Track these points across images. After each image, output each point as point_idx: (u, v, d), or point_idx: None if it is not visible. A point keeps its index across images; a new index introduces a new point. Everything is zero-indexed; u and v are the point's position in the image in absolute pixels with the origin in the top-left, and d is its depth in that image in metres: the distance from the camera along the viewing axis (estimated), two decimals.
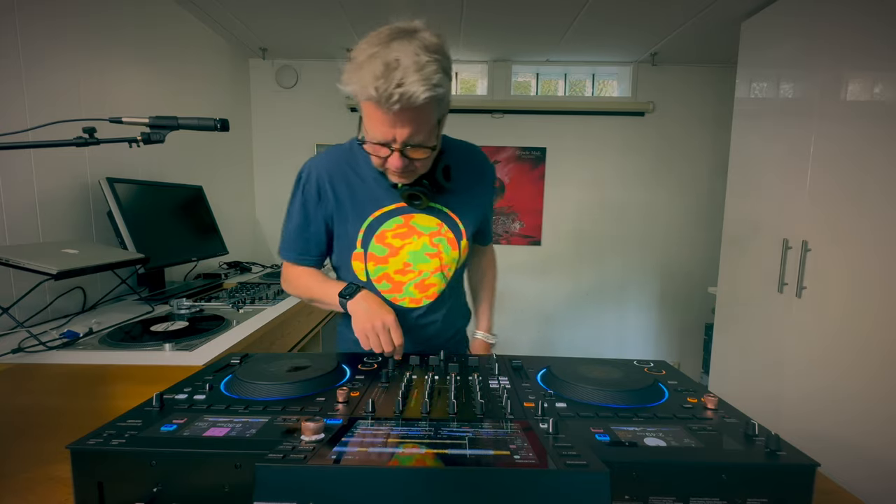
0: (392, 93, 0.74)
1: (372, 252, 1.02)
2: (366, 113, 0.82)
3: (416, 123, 0.81)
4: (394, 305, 1.02)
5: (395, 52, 0.75)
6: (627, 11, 2.28)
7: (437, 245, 1.03)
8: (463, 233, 1.06)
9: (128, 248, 1.58)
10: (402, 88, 0.74)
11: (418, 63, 0.75)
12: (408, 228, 1.02)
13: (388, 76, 0.74)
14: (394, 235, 1.01)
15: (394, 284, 1.04)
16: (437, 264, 1.04)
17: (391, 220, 1.01)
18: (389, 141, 0.83)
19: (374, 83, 0.74)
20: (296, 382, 0.73)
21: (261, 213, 3.16)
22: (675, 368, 0.88)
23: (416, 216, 1.02)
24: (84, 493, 0.53)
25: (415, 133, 0.82)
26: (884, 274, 1.53)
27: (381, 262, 1.02)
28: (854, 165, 1.65)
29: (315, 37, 2.68)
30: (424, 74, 0.75)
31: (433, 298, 1.06)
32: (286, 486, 0.43)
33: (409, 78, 0.74)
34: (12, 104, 1.40)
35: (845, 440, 1.63)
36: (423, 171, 0.94)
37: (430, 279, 1.05)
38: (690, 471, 0.53)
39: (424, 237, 1.03)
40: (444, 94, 0.81)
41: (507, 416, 0.64)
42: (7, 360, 1.10)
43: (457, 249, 1.06)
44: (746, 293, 2.22)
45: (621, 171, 3.14)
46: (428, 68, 0.75)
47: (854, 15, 1.65)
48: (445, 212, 1.04)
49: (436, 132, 0.88)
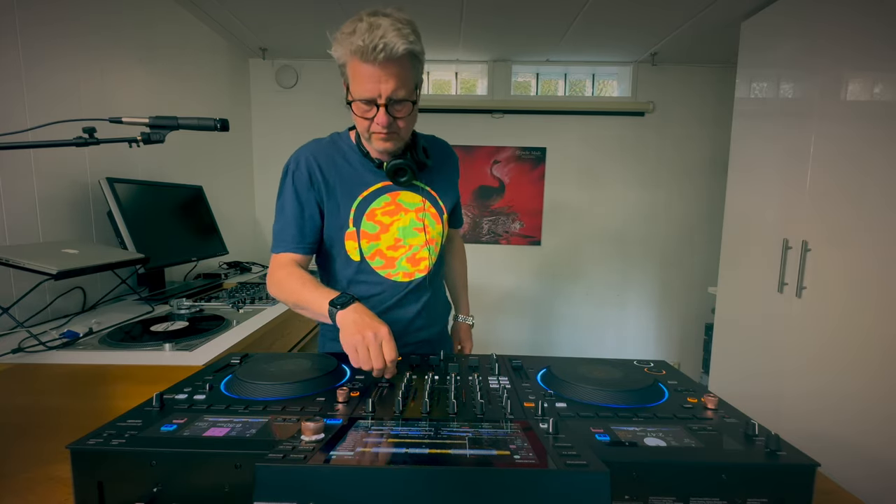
0: (377, 44, 0.86)
1: (364, 230, 1.07)
2: (353, 73, 0.92)
3: (398, 78, 0.90)
4: (389, 281, 1.09)
5: (378, 20, 0.88)
6: (627, 11, 2.28)
7: (422, 220, 1.10)
8: (443, 208, 1.15)
9: (128, 248, 1.58)
10: (385, 40, 0.86)
11: (396, 25, 0.88)
12: (395, 206, 1.08)
13: (372, 32, 0.86)
14: (383, 213, 1.07)
15: (387, 260, 1.09)
16: (425, 238, 1.11)
17: (379, 199, 1.07)
18: (375, 97, 0.91)
19: (361, 38, 0.86)
20: (296, 382, 0.73)
21: (261, 213, 3.16)
22: (675, 368, 0.88)
23: (402, 193, 1.09)
24: (84, 493, 0.53)
25: (398, 88, 0.91)
26: (883, 274, 1.53)
27: (374, 239, 1.08)
28: (854, 166, 1.65)
29: (315, 37, 2.68)
30: (402, 33, 0.88)
31: (425, 272, 1.12)
32: (286, 486, 0.43)
33: (390, 33, 0.86)
34: (12, 104, 1.40)
35: (845, 440, 1.63)
36: (405, 135, 1.01)
37: (419, 253, 1.11)
38: (690, 471, 0.53)
39: (411, 213, 1.09)
40: (419, 53, 0.93)
41: (507, 416, 0.64)
42: (7, 360, 1.10)
43: (440, 224, 1.14)
44: (746, 293, 2.22)
45: (621, 171, 3.14)
46: (404, 30, 0.88)
47: (854, 15, 1.65)
48: (427, 189, 1.12)
49: (416, 93, 0.97)
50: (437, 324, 1.21)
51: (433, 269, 1.14)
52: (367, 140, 1.01)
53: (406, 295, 1.11)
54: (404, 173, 1.03)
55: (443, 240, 1.16)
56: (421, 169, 1.07)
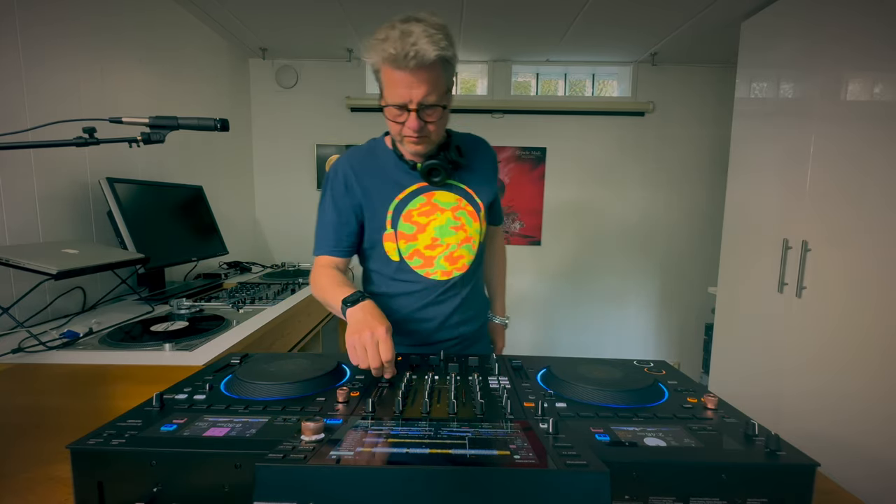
0: (408, 51, 0.88)
1: (401, 231, 1.10)
2: (386, 79, 0.95)
3: (429, 83, 0.92)
4: (428, 280, 1.12)
5: (410, 26, 0.90)
6: (627, 12, 2.28)
7: (459, 218, 1.12)
8: (480, 206, 1.15)
9: (128, 248, 1.58)
10: (416, 47, 0.88)
11: (428, 32, 0.90)
12: (431, 206, 1.10)
13: (404, 40, 0.88)
14: (419, 213, 1.10)
15: (425, 259, 1.11)
16: (463, 236, 1.13)
17: (415, 200, 1.10)
18: (407, 102, 0.94)
19: (393, 46, 0.89)
20: (296, 382, 0.73)
21: (261, 213, 3.16)
22: (675, 368, 0.88)
23: (437, 193, 1.11)
24: (84, 493, 0.53)
25: (429, 93, 0.93)
26: (883, 274, 1.53)
27: (411, 240, 1.10)
28: (854, 166, 1.65)
29: (315, 37, 2.68)
30: (434, 39, 0.89)
31: (463, 270, 1.14)
32: (286, 486, 0.43)
33: (422, 40, 0.88)
34: (12, 104, 1.40)
35: (845, 440, 1.63)
36: (437, 138, 1.03)
37: (457, 251, 1.13)
38: (690, 471, 0.53)
39: (447, 212, 1.11)
40: (451, 58, 0.95)
41: (507, 416, 0.64)
42: (7, 360, 1.10)
43: (478, 221, 1.14)
44: (746, 293, 2.22)
45: (621, 171, 3.14)
46: (436, 36, 0.90)
47: (854, 15, 1.65)
48: (462, 187, 1.13)
49: (447, 97, 0.99)
50: (476, 319, 1.22)
51: (471, 266, 1.15)
52: (400, 143, 1.04)
53: (444, 291, 1.13)
54: (438, 173, 1.06)
55: (481, 237, 1.17)
56: (455, 168, 1.09)
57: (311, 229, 1.16)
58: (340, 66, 3.04)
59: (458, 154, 1.09)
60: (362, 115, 3.07)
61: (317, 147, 3.08)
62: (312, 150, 3.09)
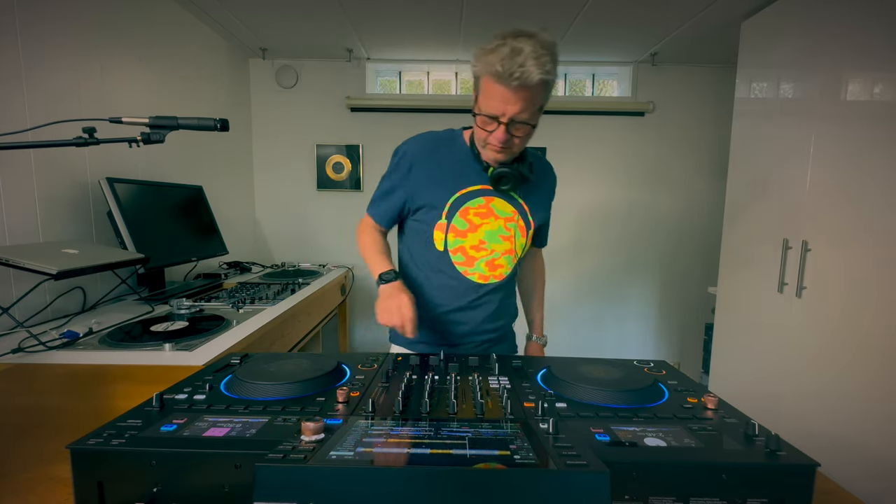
0: (514, 70, 0.90)
1: (454, 225, 1.12)
2: (484, 89, 0.97)
3: (525, 102, 0.95)
4: (465, 279, 1.15)
5: (521, 43, 0.91)
6: (627, 12, 2.28)
7: (510, 230, 1.15)
8: (532, 224, 1.18)
9: (128, 248, 1.58)
10: (524, 68, 0.90)
11: (536, 53, 0.91)
12: (487, 210, 1.13)
13: (513, 58, 0.90)
14: (475, 213, 1.13)
15: (467, 258, 1.14)
16: (508, 247, 1.15)
17: (475, 200, 1.13)
18: (499, 115, 0.96)
19: (501, 62, 0.91)
20: (296, 382, 0.73)
21: (261, 213, 3.16)
22: (675, 368, 0.88)
23: (496, 200, 1.13)
24: (84, 493, 0.53)
25: (523, 110, 0.96)
26: (883, 274, 1.53)
27: (461, 236, 1.13)
28: (854, 166, 1.65)
29: (315, 37, 2.68)
30: (541, 62, 0.91)
31: (499, 279, 1.17)
32: (286, 486, 0.43)
33: (529, 62, 0.90)
34: (12, 104, 1.39)
35: (845, 440, 1.63)
36: (518, 150, 1.07)
37: (499, 259, 1.15)
38: (690, 471, 0.53)
39: (500, 220, 1.14)
40: (552, 82, 0.97)
41: (507, 416, 0.64)
42: (7, 360, 1.10)
43: (525, 237, 1.18)
44: (746, 293, 2.22)
45: (621, 171, 3.14)
46: (543, 58, 0.91)
47: (854, 15, 1.65)
48: (520, 202, 1.16)
49: (538, 115, 1.01)
50: (503, 328, 1.25)
51: (507, 276, 1.18)
52: (483, 147, 1.07)
53: (481, 297, 1.16)
54: (507, 182, 1.08)
55: (523, 253, 1.20)
56: (523, 182, 1.11)
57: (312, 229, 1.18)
58: (340, 66, 3.04)
59: (529, 170, 1.11)
60: (362, 115, 3.07)
61: (317, 147, 3.08)
62: (312, 150, 3.09)
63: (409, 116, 3.05)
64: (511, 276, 1.20)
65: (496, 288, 1.17)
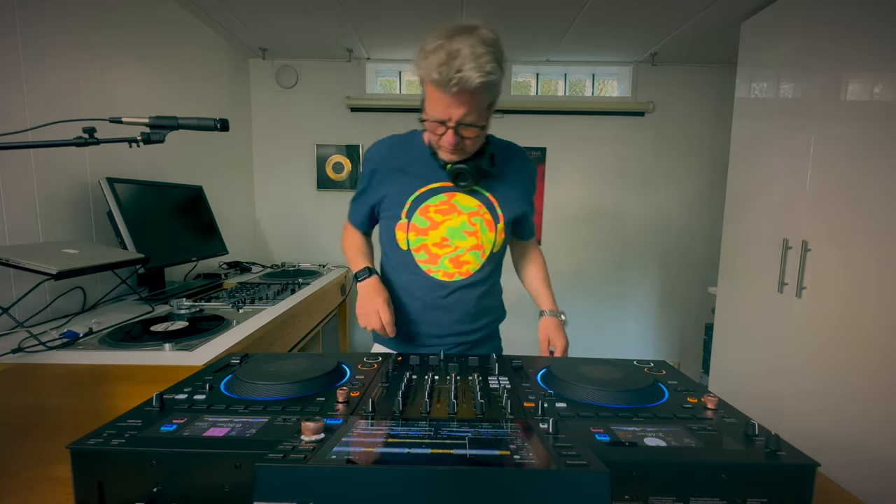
0: (452, 77, 0.88)
1: (414, 223, 1.12)
2: (428, 95, 0.96)
3: (469, 105, 0.93)
4: (428, 277, 1.13)
5: (457, 44, 0.89)
6: (627, 11, 2.28)
7: (474, 224, 1.12)
8: (500, 217, 1.14)
9: (128, 248, 1.58)
10: (461, 74, 0.87)
11: (475, 54, 0.88)
12: (449, 206, 1.12)
13: (449, 63, 0.88)
14: (436, 210, 1.11)
15: (430, 256, 1.13)
16: (474, 242, 1.13)
17: (435, 197, 1.12)
18: (446, 120, 0.96)
19: (438, 69, 0.88)
20: (296, 382, 0.73)
21: (261, 213, 3.16)
22: (675, 368, 0.88)
23: (459, 195, 1.12)
24: (84, 493, 0.53)
25: (468, 114, 0.95)
26: (883, 274, 1.53)
27: (422, 234, 1.12)
28: (854, 166, 1.65)
29: (315, 37, 2.68)
30: (479, 63, 0.88)
31: (466, 276, 1.14)
32: (286, 486, 0.43)
33: (467, 65, 0.87)
34: (12, 104, 1.39)
35: (845, 440, 1.63)
36: (472, 150, 1.06)
37: (464, 256, 1.13)
38: (690, 471, 0.53)
39: (464, 216, 1.12)
40: (495, 81, 0.94)
41: (507, 416, 0.64)
42: (7, 360, 1.10)
43: (493, 231, 1.14)
44: (746, 293, 2.22)
45: (621, 171, 3.13)
46: (483, 58, 0.89)
47: (854, 15, 1.65)
48: (486, 195, 1.13)
49: (487, 114, 1.00)
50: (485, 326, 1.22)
51: (476, 273, 1.14)
52: (437, 149, 1.07)
53: (448, 295, 1.14)
54: (465, 178, 1.08)
55: (495, 248, 1.15)
56: (484, 176, 1.10)
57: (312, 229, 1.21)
58: (340, 66, 3.04)
59: (489, 163, 1.09)
60: (362, 115, 3.07)
61: (317, 147, 3.08)
62: (312, 149, 3.09)
63: (409, 116, 3.05)
64: (487, 274, 1.16)
65: (466, 286, 1.14)
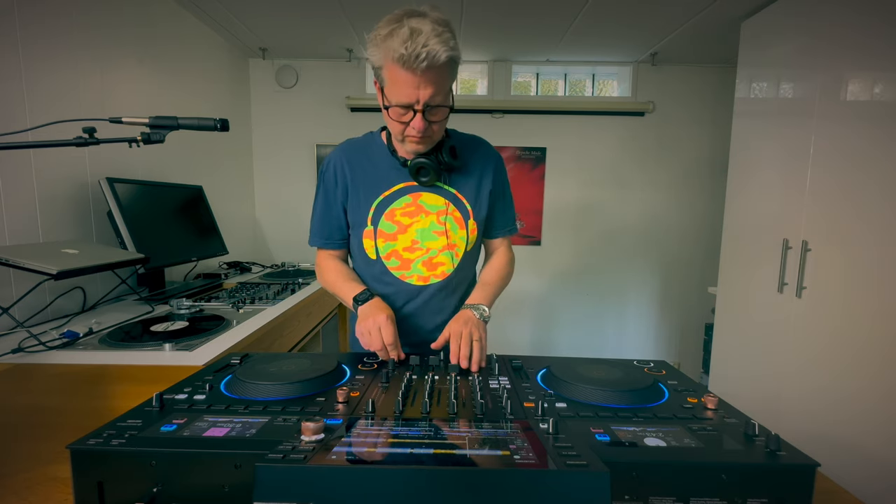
0: (420, 52, 0.84)
1: (381, 229, 1.07)
2: (390, 79, 0.90)
3: (436, 85, 0.90)
4: (402, 283, 1.09)
5: (415, 24, 0.86)
6: (627, 11, 2.28)
7: (444, 223, 1.08)
8: (470, 213, 1.10)
9: (128, 248, 1.58)
10: (428, 48, 0.84)
11: (436, 31, 0.86)
12: (416, 207, 1.07)
13: (414, 39, 0.85)
14: (402, 213, 1.07)
15: (402, 261, 1.09)
16: (445, 242, 1.08)
17: (400, 199, 1.07)
18: (413, 102, 0.91)
19: (403, 45, 0.84)
20: (296, 382, 0.73)
21: (261, 213, 3.16)
22: (675, 368, 0.88)
23: (424, 195, 1.07)
24: (84, 493, 0.53)
25: (436, 93, 0.90)
26: (883, 274, 1.53)
27: (391, 239, 1.08)
28: (854, 165, 1.65)
29: (315, 37, 2.68)
30: (443, 39, 0.86)
31: (441, 278, 1.10)
32: (286, 486, 0.43)
33: (432, 40, 0.85)
34: (12, 104, 1.39)
35: (844, 440, 1.63)
36: (438, 138, 1.01)
37: (437, 257, 1.09)
38: (690, 471, 0.53)
39: (432, 216, 1.07)
40: (458, 58, 0.92)
41: (507, 416, 0.64)
42: (7, 360, 1.10)
43: (464, 229, 1.10)
44: (746, 293, 2.22)
45: (621, 171, 3.14)
46: (445, 34, 0.87)
47: (854, 15, 1.65)
48: (452, 192, 1.09)
49: (450, 95, 0.96)
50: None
51: (452, 275, 1.10)
52: (401, 142, 1.01)
53: (426, 302, 1.10)
54: (427, 172, 1.03)
55: (469, 246, 1.11)
56: (447, 170, 1.06)
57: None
58: (340, 66, 3.04)
59: (451, 156, 1.04)
60: (362, 115, 3.06)
61: (317, 147, 3.08)
62: (312, 149, 3.09)
63: None
64: (464, 275, 1.13)
65: (442, 288, 1.10)
